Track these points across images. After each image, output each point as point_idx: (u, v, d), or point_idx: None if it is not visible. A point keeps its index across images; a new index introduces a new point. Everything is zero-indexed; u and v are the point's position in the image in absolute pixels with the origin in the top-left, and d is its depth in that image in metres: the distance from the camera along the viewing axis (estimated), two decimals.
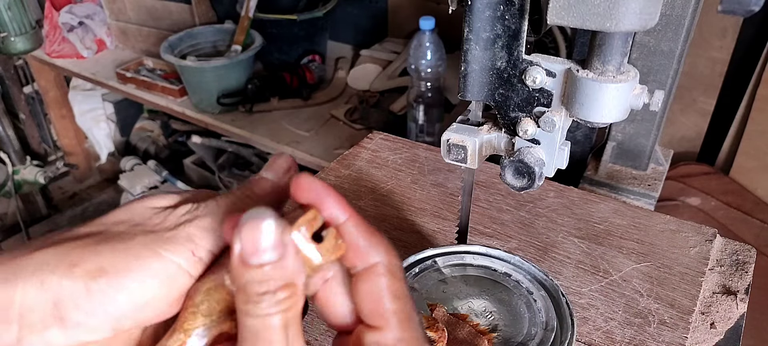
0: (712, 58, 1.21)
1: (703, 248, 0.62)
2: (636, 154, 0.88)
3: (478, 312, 0.44)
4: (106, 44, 2.06)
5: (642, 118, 0.84)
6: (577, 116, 0.39)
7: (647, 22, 0.33)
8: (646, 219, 0.66)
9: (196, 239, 0.26)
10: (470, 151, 0.44)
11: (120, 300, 0.24)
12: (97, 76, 1.90)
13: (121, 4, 2.00)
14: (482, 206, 0.69)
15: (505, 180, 0.44)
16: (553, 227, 0.65)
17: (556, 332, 0.42)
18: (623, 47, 0.36)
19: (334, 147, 1.46)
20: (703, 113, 1.27)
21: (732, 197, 1.20)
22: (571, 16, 0.33)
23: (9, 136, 2.23)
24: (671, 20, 0.73)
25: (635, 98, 0.38)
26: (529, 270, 0.48)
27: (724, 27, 1.17)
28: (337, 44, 1.89)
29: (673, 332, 0.52)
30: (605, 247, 0.62)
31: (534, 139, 0.42)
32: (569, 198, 0.70)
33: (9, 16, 1.64)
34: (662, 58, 0.76)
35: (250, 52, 1.63)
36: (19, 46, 1.70)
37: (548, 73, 0.39)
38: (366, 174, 0.75)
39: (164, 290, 0.25)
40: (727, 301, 0.57)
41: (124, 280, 0.24)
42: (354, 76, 1.71)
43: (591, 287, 0.57)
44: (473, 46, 0.40)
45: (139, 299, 0.25)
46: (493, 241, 0.64)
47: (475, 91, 0.42)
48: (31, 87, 2.29)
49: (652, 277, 0.58)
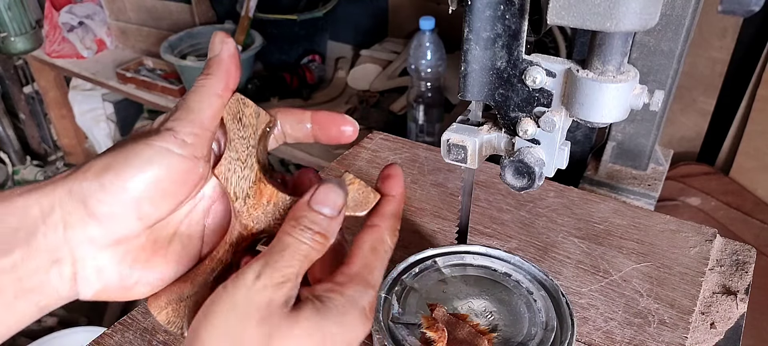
0: (712, 58, 1.21)
1: (703, 248, 0.62)
2: (636, 154, 0.88)
3: (478, 312, 0.44)
4: (106, 44, 2.06)
5: (642, 118, 0.84)
6: (577, 116, 0.39)
7: (647, 22, 0.33)
8: (646, 219, 0.66)
9: (175, 126, 0.32)
10: (470, 151, 0.44)
11: (129, 188, 0.31)
12: (97, 76, 1.90)
13: (121, 4, 2.00)
14: (482, 206, 0.69)
15: (505, 180, 0.44)
16: (553, 227, 0.65)
17: (556, 332, 0.42)
18: (623, 47, 0.36)
19: (334, 147, 1.46)
20: (703, 113, 1.27)
21: (732, 197, 1.20)
22: (571, 16, 0.33)
23: (9, 136, 2.23)
24: (671, 20, 0.73)
25: (635, 98, 0.38)
26: (529, 270, 0.48)
27: (724, 27, 1.17)
28: (337, 44, 1.89)
29: (673, 332, 0.52)
30: (605, 247, 0.62)
31: (534, 139, 0.42)
32: (569, 198, 0.70)
33: (9, 16, 1.64)
34: (662, 58, 0.76)
35: (250, 52, 1.63)
36: (19, 46, 1.70)
37: (548, 73, 0.39)
38: (366, 174, 0.75)
39: (163, 172, 0.32)
40: (727, 301, 0.57)
41: (126, 170, 0.31)
42: (354, 76, 1.71)
43: (591, 287, 0.57)
44: (473, 46, 0.40)
45: (143, 183, 0.31)
46: (493, 241, 0.64)
47: (475, 91, 0.42)
48: (31, 87, 2.29)
49: (652, 277, 0.58)
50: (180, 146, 0.32)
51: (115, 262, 0.33)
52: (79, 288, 0.32)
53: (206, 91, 0.34)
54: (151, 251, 0.34)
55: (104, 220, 0.31)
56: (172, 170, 0.32)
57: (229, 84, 0.35)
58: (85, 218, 0.31)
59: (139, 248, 0.33)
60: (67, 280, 0.32)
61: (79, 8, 2.01)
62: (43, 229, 0.30)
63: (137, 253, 0.33)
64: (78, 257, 0.31)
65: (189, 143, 0.32)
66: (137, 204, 0.31)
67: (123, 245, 0.33)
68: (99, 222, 0.31)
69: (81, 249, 0.31)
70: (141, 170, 0.31)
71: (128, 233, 0.32)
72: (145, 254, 0.34)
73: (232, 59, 0.35)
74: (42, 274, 0.30)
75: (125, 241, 0.32)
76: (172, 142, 0.32)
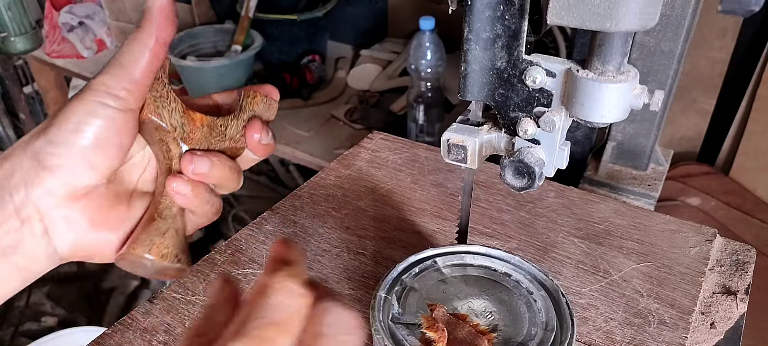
0: (712, 58, 1.21)
1: (703, 248, 0.62)
2: (636, 154, 0.88)
3: (478, 312, 0.44)
4: (106, 44, 2.05)
5: (642, 118, 0.84)
6: (577, 116, 0.39)
7: (647, 22, 0.33)
8: (646, 219, 0.66)
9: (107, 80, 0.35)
10: (470, 151, 0.44)
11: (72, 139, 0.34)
12: None
13: (121, 4, 2.00)
14: (482, 206, 0.69)
15: (505, 180, 0.44)
16: (553, 227, 0.65)
17: (556, 332, 0.42)
18: (623, 47, 0.36)
19: (334, 147, 1.46)
20: (703, 113, 1.27)
21: (732, 197, 1.20)
22: (571, 16, 0.33)
23: (9, 136, 2.23)
24: (671, 20, 0.73)
25: (635, 98, 0.38)
26: (529, 270, 0.48)
27: (724, 27, 1.17)
28: (337, 44, 1.89)
29: (673, 332, 0.52)
30: (605, 247, 0.62)
31: (534, 139, 0.42)
32: (569, 198, 0.70)
33: (9, 16, 1.64)
34: (662, 58, 0.76)
35: (250, 52, 1.62)
36: (19, 46, 1.70)
37: (548, 73, 0.39)
38: (366, 174, 0.75)
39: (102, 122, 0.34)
40: (727, 301, 0.57)
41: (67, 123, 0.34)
42: (354, 76, 1.71)
43: (591, 287, 0.57)
44: (473, 46, 0.40)
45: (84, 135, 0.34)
46: (493, 241, 0.64)
47: (475, 91, 0.42)
48: (31, 87, 2.29)
49: (652, 277, 0.58)
50: (114, 100, 0.34)
51: (81, 213, 0.35)
52: (55, 243, 0.35)
53: (137, 45, 0.35)
54: (114, 201, 0.37)
55: (57, 171, 0.34)
56: (110, 121, 0.34)
57: (161, 37, 0.36)
58: (40, 172, 0.33)
59: (102, 199, 0.36)
60: (39, 236, 0.34)
61: (79, 8, 2.01)
62: (8, 189, 0.33)
63: (101, 203, 0.36)
64: (43, 211, 0.34)
65: (122, 98, 0.35)
66: (84, 154, 0.34)
67: (85, 197, 0.35)
68: (53, 174, 0.34)
69: (43, 202, 0.34)
70: (79, 122, 0.34)
71: (85, 183, 0.35)
72: (109, 204, 0.37)
73: (161, 12, 0.35)
74: (14, 233, 0.33)
75: (86, 193, 0.35)
76: (106, 97, 0.34)
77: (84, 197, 0.35)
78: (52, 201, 0.34)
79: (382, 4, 1.76)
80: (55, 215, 0.34)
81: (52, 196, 0.34)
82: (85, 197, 0.35)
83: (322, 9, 1.71)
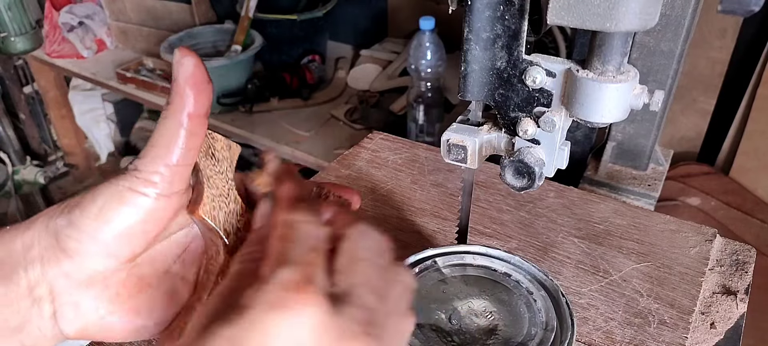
0: (712, 58, 1.21)
1: (703, 248, 0.62)
2: (636, 154, 0.88)
3: (478, 312, 0.44)
4: (106, 44, 2.06)
5: (642, 118, 0.84)
6: (577, 116, 0.39)
7: (647, 22, 0.33)
8: (646, 219, 0.66)
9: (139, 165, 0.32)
10: (470, 151, 0.44)
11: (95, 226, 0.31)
12: (97, 76, 1.90)
13: (121, 4, 2.00)
14: (482, 206, 0.69)
15: (505, 180, 0.44)
16: (553, 227, 0.65)
17: (556, 332, 0.42)
18: (623, 47, 0.36)
19: (334, 147, 1.46)
20: (703, 113, 1.27)
21: (732, 197, 1.20)
22: (571, 16, 0.33)
23: (9, 136, 2.23)
24: (671, 20, 0.73)
25: (635, 98, 0.38)
26: (529, 270, 0.48)
27: (724, 27, 1.17)
28: (337, 44, 1.89)
29: (673, 332, 0.52)
30: (605, 247, 0.62)
31: (534, 139, 0.42)
32: (569, 198, 0.70)
33: (9, 16, 1.64)
34: (662, 58, 0.76)
35: (250, 52, 1.62)
36: (19, 46, 1.70)
37: (548, 73, 0.39)
38: (366, 174, 0.75)
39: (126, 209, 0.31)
40: (727, 301, 0.57)
41: (91, 207, 0.31)
42: (354, 76, 1.71)
43: (591, 287, 0.57)
44: (473, 46, 0.40)
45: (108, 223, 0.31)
46: (493, 241, 0.64)
47: (475, 91, 0.42)
48: (31, 87, 2.29)
49: (652, 277, 0.58)
50: (144, 185, 0.31)
51: (92, 298, 0.32)
52: (61, 326, 0.32)
53: (168, 123, 0.31)
54: (135, 287, 0.33)
55: (74, 255, 0.31)
56: (140, 210, 0.31)
57: (194, 109, 0.31)
58: (58, 253, 0.31)
59: (119, 285, 0.33)
60: (47, 318, 0.32)
61: (79, 8, 2.01)
62: (24, 263, 0.31)
63: (118, 289, 0.33)
64: (56, 293, 0.31)
65: (154, 182, 0.31)
66: (105, 242, 0.31)
67: (101, 281, 0.32)
68: (70, 258, 0.31)
69: (58, 284, 0.31)
70: (106, 209, 0.31)
71: (103, 269, 0.32)
72: (127, 291, 0.33)
73: (187, 82, 0.31)
74: (24, 312, 0.31)
75: (102, 277, 0.32)
76: (135, 182, 0.31)
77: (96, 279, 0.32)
78: (67, 284, 0.31)
79: (382, 4, 1.76)
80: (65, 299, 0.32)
81: (69, 279, 0.31)
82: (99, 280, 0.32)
83: (322, 9, 1.71)
